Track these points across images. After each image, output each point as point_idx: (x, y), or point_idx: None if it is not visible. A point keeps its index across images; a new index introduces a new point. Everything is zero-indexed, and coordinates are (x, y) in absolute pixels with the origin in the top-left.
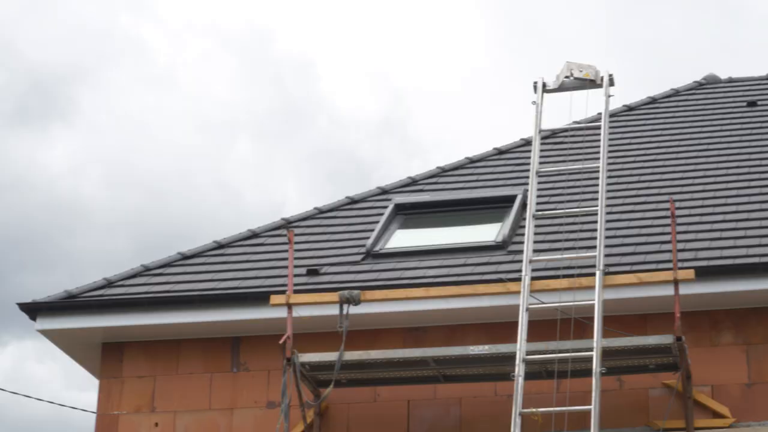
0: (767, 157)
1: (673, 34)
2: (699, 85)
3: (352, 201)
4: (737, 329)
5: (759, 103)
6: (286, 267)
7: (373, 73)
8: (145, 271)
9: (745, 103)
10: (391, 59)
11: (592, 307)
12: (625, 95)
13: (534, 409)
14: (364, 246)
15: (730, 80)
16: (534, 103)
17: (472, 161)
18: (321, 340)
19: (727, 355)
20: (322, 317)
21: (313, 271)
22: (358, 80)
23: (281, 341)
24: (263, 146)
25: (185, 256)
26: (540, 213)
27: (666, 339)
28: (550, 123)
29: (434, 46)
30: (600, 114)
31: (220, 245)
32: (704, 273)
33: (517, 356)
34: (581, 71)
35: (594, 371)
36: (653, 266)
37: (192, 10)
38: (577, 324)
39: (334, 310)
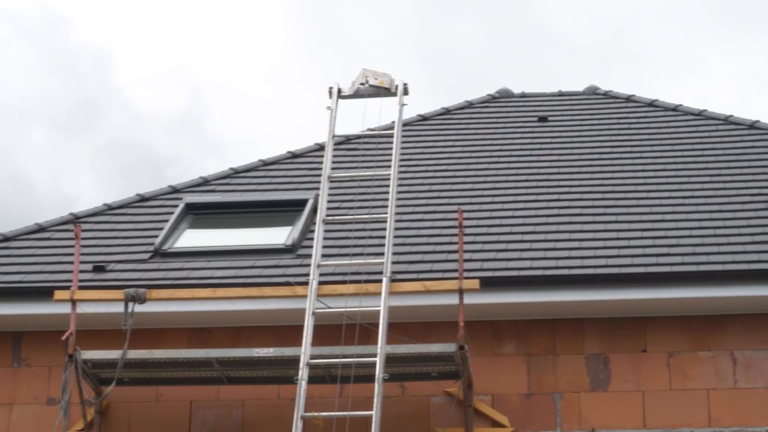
0: (555, 172)
1: (468, 46)
2: (492, 99)
3: (143, 199)
4: (519, 340)
5: (550, 118)
6: (72, 262)
7: (172, 66)
8: None
9: (536, 119)
10: (192, 52)
11: (377, 313)
12: (420, 105)
13: (316, 413)
14: (152, 244)
15: (523, 95)
16: (329, 108)
17: (265, 164)
18: (105, 337)
19: (508, 365)
20: (106, 315)
21: (99, 268)
22: (157, 73)
23: (64, 337)
24: (58, 137)
25: None
26: (330, 218)
27: (449, 347)
28: (344, 129)
29: (235, 41)
30: (394, 122)
31: (5, 238)
32: (489, 283)
33: (302, 360)
34: (376, 79)
35: (377, 377)
36: (439, 275)
37: None
38: (362, 330)
39: (119, 308)
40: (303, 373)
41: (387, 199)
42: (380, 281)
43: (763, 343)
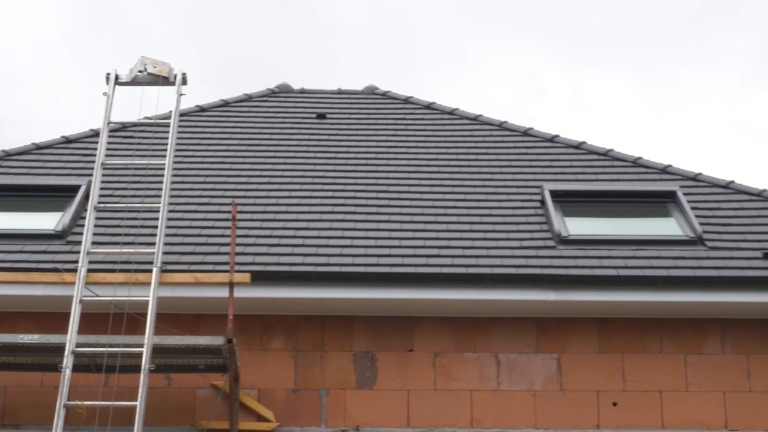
0: (331, 169)
1: (248, 35)
2: (272, 93)
3: None
4: (287, 335)
5: (328, 116)
6: None
7: None
8: None
9: (315, 115)
10: None
11: (146, 303)
12: (197, 93)
13: (79, 402)
14: None
15: (302, 91)
16: (105, 94)
17: (38, 147)
18: None
19: (276, 359)
20: None
21: None
22: None
23: None
24: None
25: None
26: (102, 205)
27: (217, 340)
28: (120, 116)
29: (11, 17)
30: (171, 112)
31: None
32: (260, 278)
33: (67, 348)
34: (155, 67)
35: (143, 368)
36: (211, 267)
37: None
38: (130, 319)
39: None
40: (68, 361)
41: (161, 189)
42: (150, 271)
43: (527, 347)
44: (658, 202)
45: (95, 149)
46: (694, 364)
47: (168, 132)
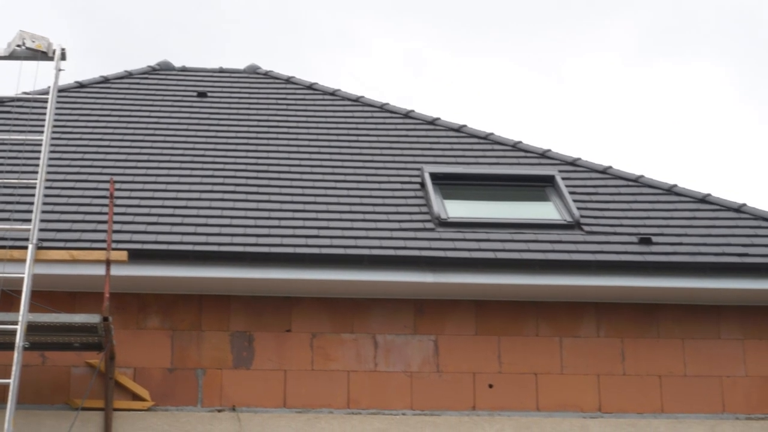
0: (212, 148)
1: (130, 15)
2: (152, 70)
3: None
4: (164, 314)
5: (209, 94)
6: None
7: None
8: None
9: (195, 93)
10: None
11: (21, 280)
12: (76, 67)
13: None
14: None
15: (183, 69)
16: None
17: None
18: None
19: (152, 338)
20: None
21: None
22: None
23: None
24: None
25: None
26: None
27: (93, 318)
28: None
29: None
30: (50, 87)
31: None
32: (137, 256)
33: None
34: (34, 42)
35: (17, 345)
36: (88, 245)
37: None
38: (4, 296)
39: None
40: None
41: (38, 165)
42: (26, 248)
43: (405, 329)
44: (537, 186)
45: None
46: (570, 347)
47: (46, 108)
